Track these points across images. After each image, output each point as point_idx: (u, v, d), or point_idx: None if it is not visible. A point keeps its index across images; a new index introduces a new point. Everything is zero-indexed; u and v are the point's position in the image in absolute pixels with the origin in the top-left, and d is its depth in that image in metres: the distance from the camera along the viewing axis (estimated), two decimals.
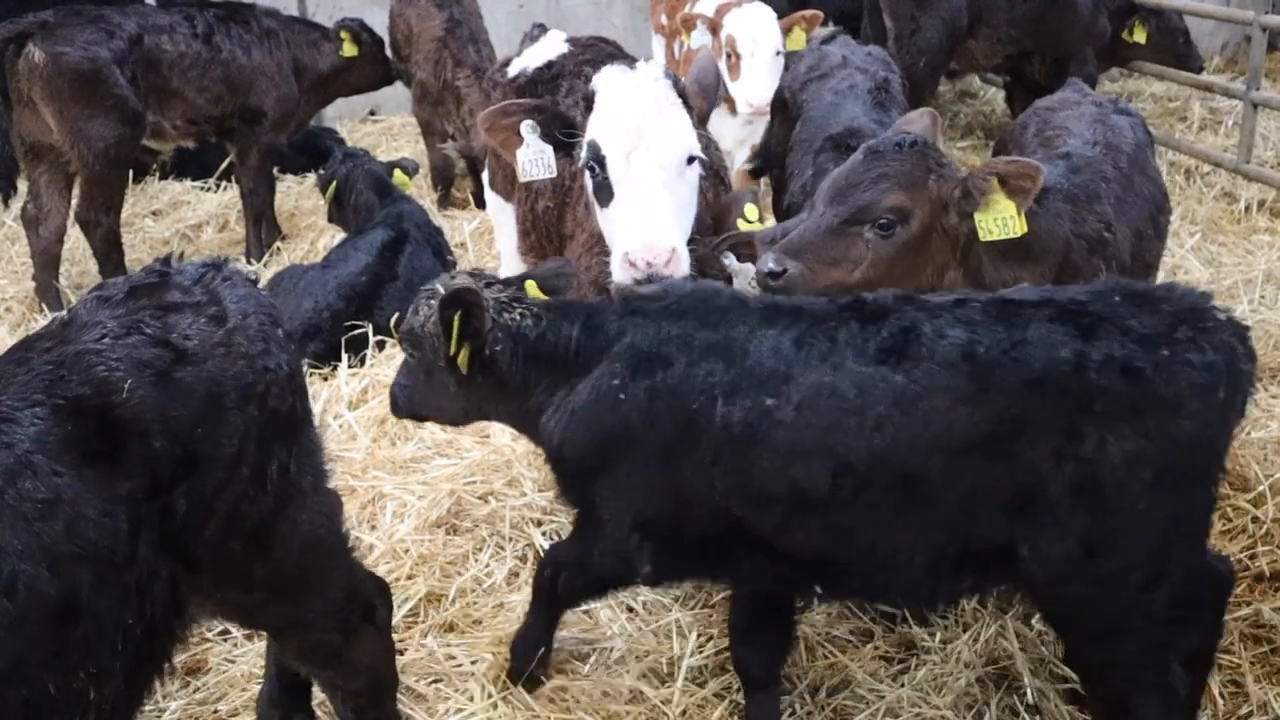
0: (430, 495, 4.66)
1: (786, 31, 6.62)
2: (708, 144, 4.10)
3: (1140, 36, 8.43)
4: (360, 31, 7.86)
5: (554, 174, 3.80)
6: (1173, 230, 7.23)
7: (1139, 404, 2.77)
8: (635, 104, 3.65)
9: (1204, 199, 7.93)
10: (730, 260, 3.76)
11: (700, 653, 3.90)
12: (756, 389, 2.96)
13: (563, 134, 3.74)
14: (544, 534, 4.53)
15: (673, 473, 3.07)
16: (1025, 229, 3.42)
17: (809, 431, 2.91)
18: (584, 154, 3.64)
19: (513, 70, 5.11)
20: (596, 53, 4.96)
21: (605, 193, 3.63)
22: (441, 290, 3.34)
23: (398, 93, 9.00)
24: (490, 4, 9.03)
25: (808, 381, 2.93)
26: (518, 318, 3.34)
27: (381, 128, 10.21)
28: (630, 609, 4.16)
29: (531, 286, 3.49)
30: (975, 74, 9.76)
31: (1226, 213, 7.74)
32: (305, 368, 5.66)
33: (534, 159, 3.75)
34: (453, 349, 3.30)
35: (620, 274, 3.51)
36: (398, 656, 3.61)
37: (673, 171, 3.61)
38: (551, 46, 5.08)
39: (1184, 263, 6.77)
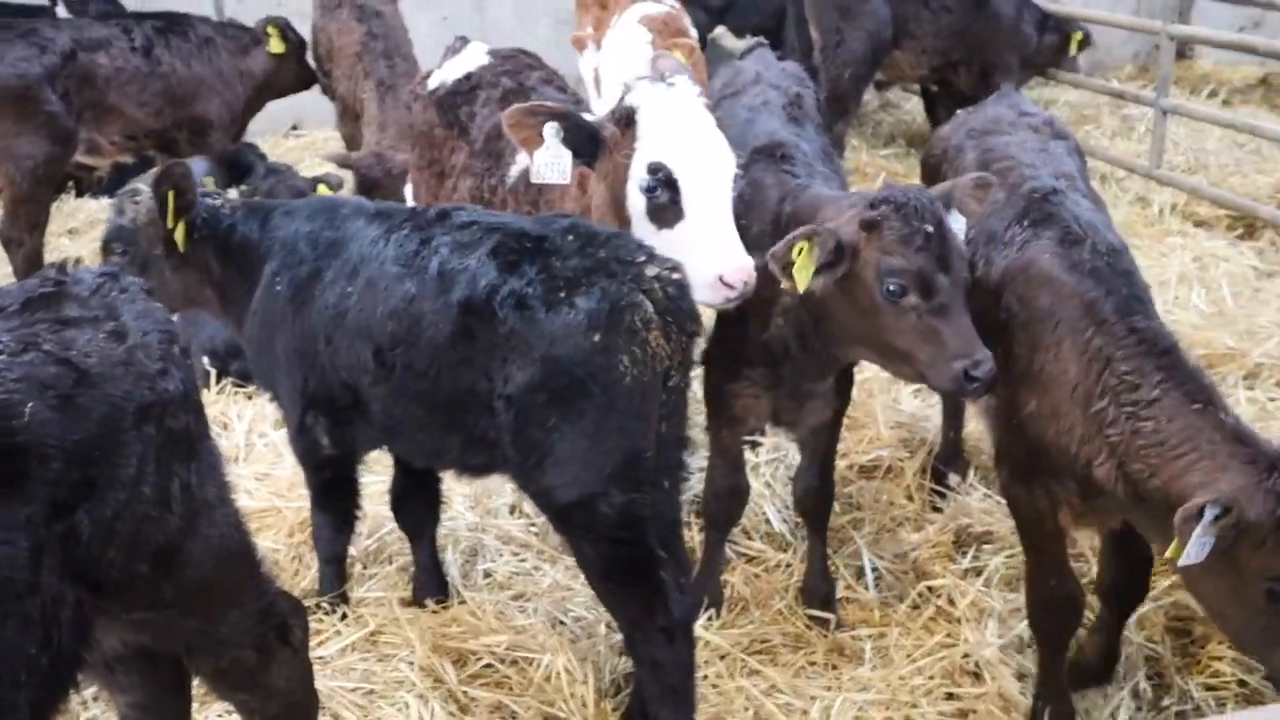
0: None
1: (670, 50, 6.66)
2: None
3: (1074, 49, 8.66)
4: (286, 28, 7.78)
5: (568, 180, 3.76)
6: None
7: (529, 336, 3.17)
8: (698, 125, 3.66)
9: (1119, 203, 8.11)
10: None
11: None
12: (345, 278, 3.57)
13: (587, 144, 3.70)
14: (464, 550, 4.55)
15: (312, 353, 3.64)
16: None
17: (361, 315, 3.49)
18: (643, 176, 3.58)
19: (433, 83, 5.08)
20: (516, 64, 4.95)
21: (669, 214, 3.59)
22: (143, 187, 3.88)
23: (321, 107, 8.91)
24: (414, 17, 8.97)
25: (364, 274, 3.53)
26: (217, 205, 3.94)
27: (304, 142, 10.10)
28: (561, 622, 4.18)
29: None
30: (900, 84, 9.89)
31: (1141, 217, 7.92)
32: (230, 387, 5.67)
33: (551, 162, 3.71)
34: (170, 223, 3.79)
35: (712, 295, 3.52)
36: (332, 674, 3.59)
37: (730, 190, 3.67)
38: (472, 58, 5.05)
39: None
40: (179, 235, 3.83)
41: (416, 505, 4.21)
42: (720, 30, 9.80)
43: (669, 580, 3.32)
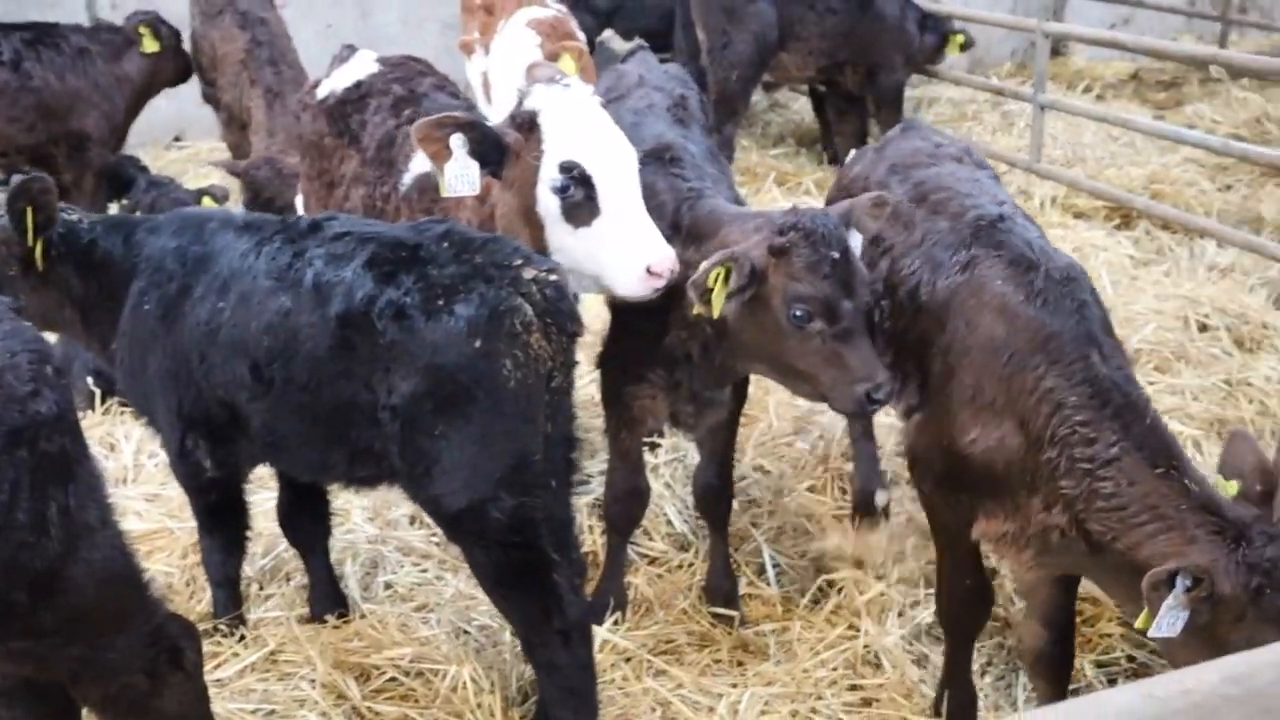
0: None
1: (552, 59, 6.67)
2: None
3: (956, 51, 8.85)
4: (157, 24, 7.58)
5: (478, 191, 3.74)
6: None
7: (410, 346, 3.14)
8: (604, 122, 3.68)
9: None
10: None
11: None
12: (216, 294, 3.48)
13: (493, 152, 3.68)
14: (363, 562, 4.49)
15: (185, 372, 3.53)
16: None
17: (235, 330, 3.40)
18: (555, 176, 3.57)
19: (321, 92, 5.01)
20: (406, 71, 4.91)
21: (586, 212, 3.58)
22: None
23: (204, 117, 8.72)
24: (298, 25, 8.83)
25: (236, 289, 3.45)
26: (75, 221, 3.77)
27: (188, 154, 9.86)
28: (465, 631, 4.15)
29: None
30: (789, 85, 10.02)
31: (1023, 209, 8.10)
32: (116, 407, 5.51)
33: (460, 174, 3.68)
34: (30, 240, 3.60)
35: (639, 286, 3.55)
36: (231, 696, 3.51)
37: (639, 184, 3.68)
38: (361, 67, 4.99)
39: None
40: (39, 254, 3.65)
41: (306, 520, 4.14)
42: (608, 34, 9.83)
43: (563, 582, 3.32)
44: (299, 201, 5.52)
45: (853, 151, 4.70)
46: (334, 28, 9.91)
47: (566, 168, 3.56)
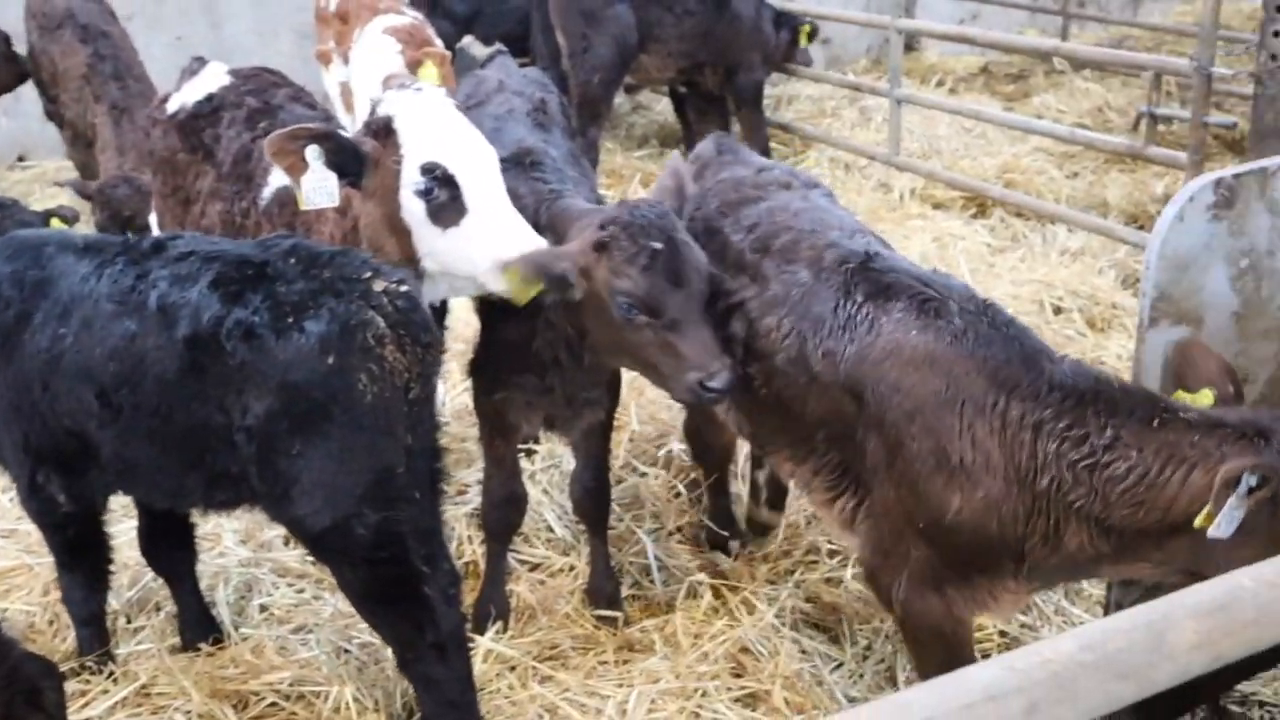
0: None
1: (414, 66, 6.62)
2: None
3: (806, 41, 8.99)
4: None
5: (336, 202, 3.67)
6: None
7: (261, 365, 3.07)
8: (454, 122, 3.66)
9: (863, 190, 8.52)
10: None
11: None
12: (57, 319, 3.34)
13: (351, 162, 3.62)
14: (236, 586, 4.38)
15: (28, 403, 3.39)
16: None
17: (79, 356, 3.28)
18: (417, 179, 3.54)
19: (172, 106, 4.87)
20: (260, 83, 4.81)
21: (452, 212, 3.56)
22: None
23: (49, 136, 8.42)
24: (146, 38, 8.58)
25: (78, 314, 3.32)
26: None
27: (33, 174, 9.48)
28: (346, 650, 4.08)
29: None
30: (651, 86, 10.08)
31: (884, 202, 8.33)
32: None
33: (317, 187, 3.61)
34: None
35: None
36: None
37: (502, 181, 3.66)
38: (212, 79, 4.87)
39: None
40: None
41: (169, 548, 4.01)
42: (467, 39, 9.76)
43: (435, 595, 3.29)
44: (153, 219, 5.36)
45: (674, 154, 4.43)
46: (184, 40, 9.64)
47: (428, 169, 3.54)
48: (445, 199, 3.56)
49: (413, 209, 3.59)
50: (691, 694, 3.85)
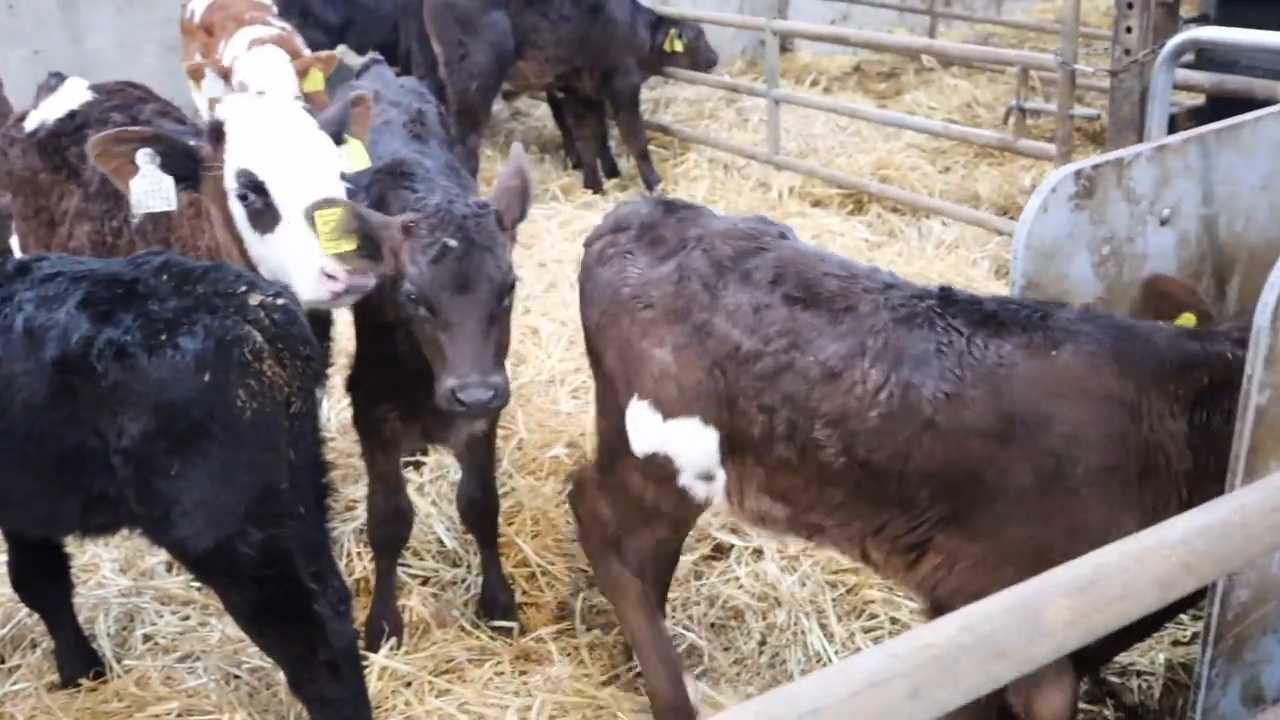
0: None
1: (302, 74, 6.53)
2: None
3: (678, 46, 9.02)
4: None
5: (173, 206, 3.59)
6: None
7: (135, 386, 2.98)
8: (284, 127, 3.59)
9: (742, 190, 8.61)
10: None
11: None
12: None
13: (187, 165, 3.55)
14: (117, 617, 4.26)
15: None
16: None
17: None
18: (234, 184, 3.50)
19: (30, 124, 4.71)
20: (125, 98, 4.68)
21: (268, 218, 3.51)
22: None
23: None
24: (1, 52, 8.29)
25: None
26: None
27: None
28: (235, 676, 3.98)
29: None
30: (529, 93, 10.05)
31: (763, 201, 8.43)
32: None
33: (150, 190, 3.53)
34: None
35: (318, 290, 3.44)
36: None
37: (334, 188, 3.59)
38: (73, 95, 4.72)
39: None
40: None
41: (41, 579, 3.87)
42: (341, 49, 9.62)
43: (326, 612, 3.24)
44: (15, 243, 5.17)
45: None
46: (42, 54, 9.32)
47: (241, 174, 3.52)
48: (260, 205, 3.53)
49: (238, 213, 3.57)
50: (591, 699, 3.85)
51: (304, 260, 3.47)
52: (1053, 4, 14.24)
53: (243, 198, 3.53)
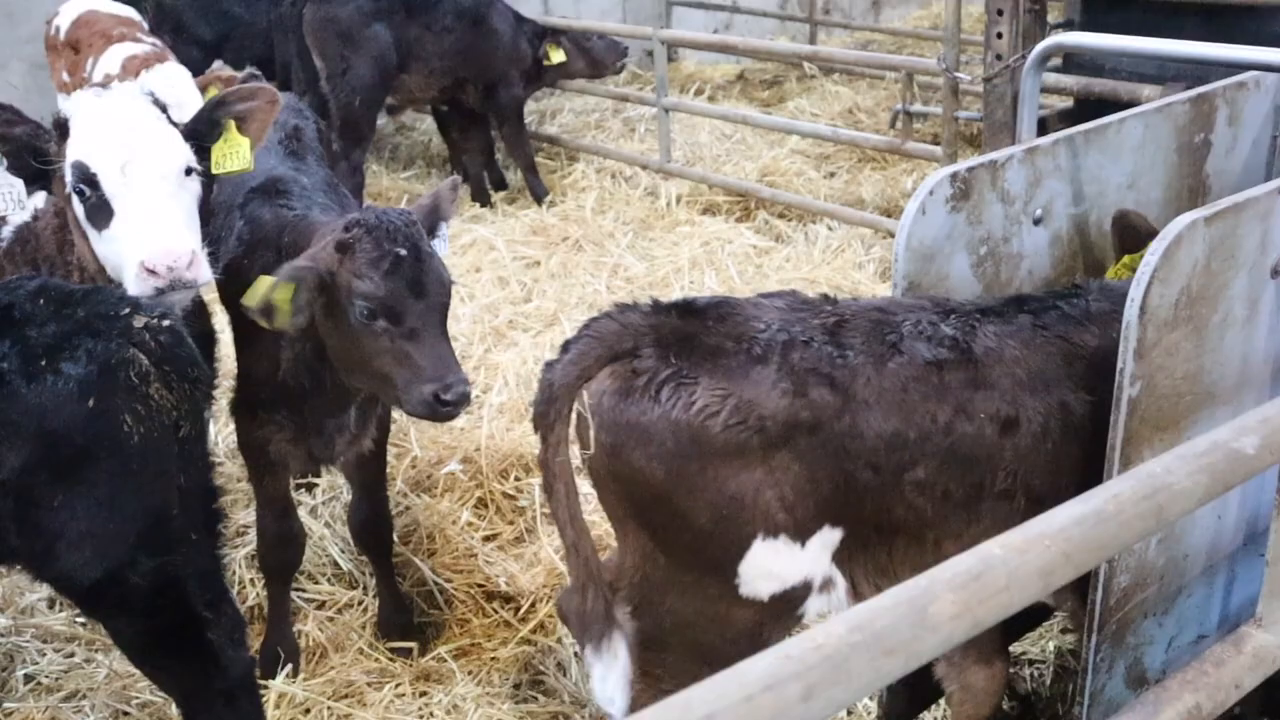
0: None
1: (204, 90, 6.39)
2: None
3: (558, 57, 8.98)
4: None
5: (26, 209, 3.47)
6: (609, 231, 7.86)
7: (14, 415, 2.88)
8: (121, 120, 3.44)
9: (631, 200, 8.64)
10: None
11: None
12: None
13: (38, 163, 3.38)
14: (3, 655, 4.12)
15: None
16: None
17: None
18: (70, 178, 3.35)
19: None
20: None
21: (102, 213, 3.36)
22: None
23: None
24: None
25: None
26: None
27: None
28: (125, 713, 3.86)
29: None
30: (413, 106, 9.95)
31: (652, 209, 8.47)
32: None
33: (1, 194, 3.39)
34: None
35: (140, 286, 3.28)
36: None
37: (174, 181, 3.44)
38: None
39: (623, 260, 7.34)
40: None
41: None
42: (218, 65, 9.42)
43: (220, 640, 3.15)
44: None
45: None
46: None
47: (75, 168, 3.40)
48: (95, 200, 3.40)
49: (79, 210, 3.44)
50: (494, 717, 3.82)
51: (128, 255, 3.33)
52: (928, 11, 14.60)
53: (79, 192, 3.39)
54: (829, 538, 2.80)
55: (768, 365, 2.68)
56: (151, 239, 3.31)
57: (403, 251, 3.31)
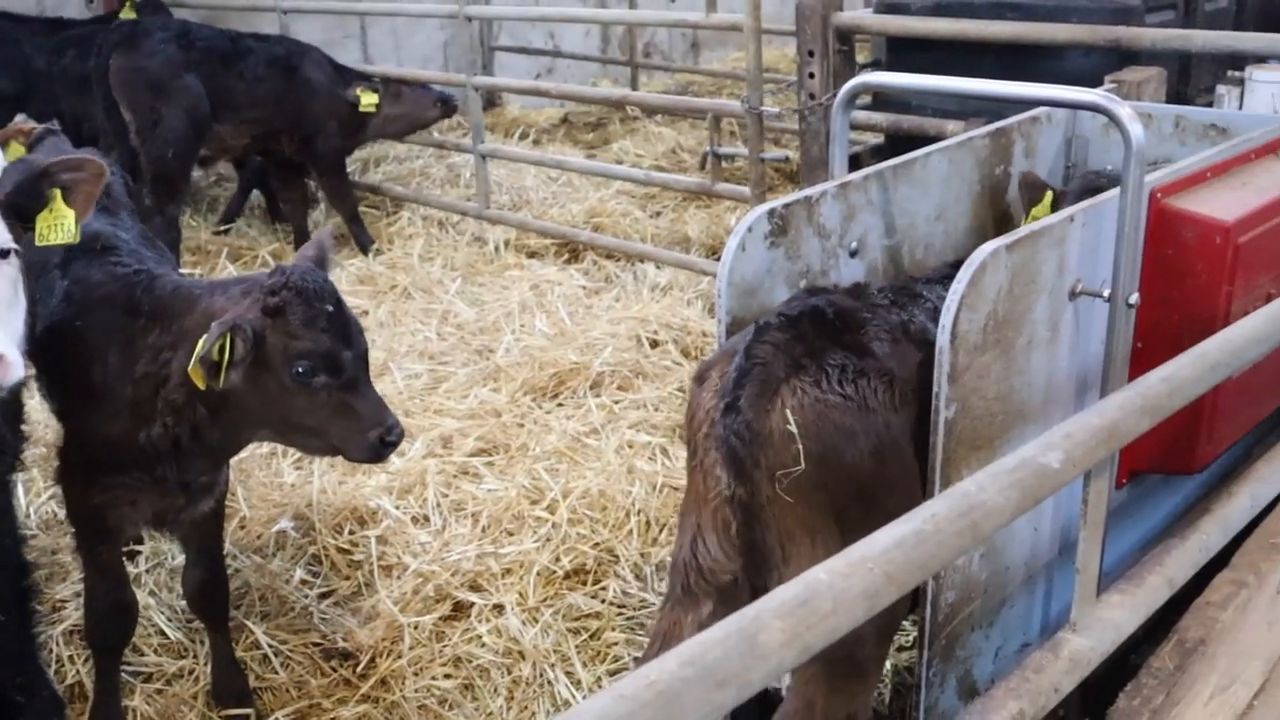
0: None
1: (4, 144, 6.11)
2: None
3: (369, 100, 8.81)
4: None
5: None
6: (437, 278, 7.80)
7: None
8: None
9: (458, 246, 8.60)
10: None
11: None
12: None
13: None
14: None
15: None
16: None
17: None
18: None
19: None
20: None
21: None
22: None
23: None
24: None
25: None
26: None
27: None
28: None
29: None
30: (228, 157, 9.69)
31: (480, 255, 8.45)
32: None
33: None
34: None
35: None
36: None
37: None
38: None
39: (452, 307, 7.29)
40: None
41: None
42: (20, 118, 9.02)
43: None
44: None
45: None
46: None
47: None
48: None
49: None
50: None
51: None
52: (745, 52, 14.97)
53: None
54: None
55: (900, 344, 2.98)
56: None
57: (330, 307, 3.36)
